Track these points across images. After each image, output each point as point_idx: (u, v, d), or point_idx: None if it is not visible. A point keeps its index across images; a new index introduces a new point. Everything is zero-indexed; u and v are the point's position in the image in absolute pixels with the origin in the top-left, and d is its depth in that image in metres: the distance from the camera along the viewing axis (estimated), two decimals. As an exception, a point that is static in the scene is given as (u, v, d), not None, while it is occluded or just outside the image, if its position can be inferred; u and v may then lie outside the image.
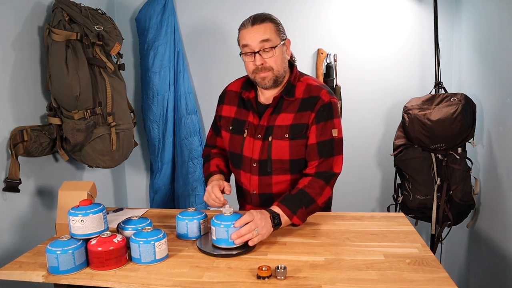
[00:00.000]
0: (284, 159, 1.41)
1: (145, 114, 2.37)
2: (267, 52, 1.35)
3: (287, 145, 1.40)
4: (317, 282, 1.03)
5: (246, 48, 1.37)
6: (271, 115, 1.42)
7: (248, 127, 1.46)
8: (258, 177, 1.45)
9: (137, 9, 2.39)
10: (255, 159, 1.44)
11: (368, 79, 2.34)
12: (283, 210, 1.29)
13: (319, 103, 1.38)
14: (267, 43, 1.35)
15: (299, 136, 1.39)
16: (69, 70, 1.66)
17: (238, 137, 1.48)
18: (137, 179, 2.62)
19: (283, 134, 1.40)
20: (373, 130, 2.38)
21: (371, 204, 2.49)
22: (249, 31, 1.36)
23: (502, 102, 1.81)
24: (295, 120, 1.40)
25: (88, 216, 1.17)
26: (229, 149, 1.53)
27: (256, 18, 1.37)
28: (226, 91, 1.59)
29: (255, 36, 1.34)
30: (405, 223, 1.41)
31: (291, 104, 1.41)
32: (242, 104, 1.50)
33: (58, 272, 1.10)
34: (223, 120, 1.55)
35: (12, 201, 1.60)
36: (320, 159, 1.38)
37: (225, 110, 1.55)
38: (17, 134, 1.59)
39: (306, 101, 1.40)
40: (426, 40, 2.27)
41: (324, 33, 2.32)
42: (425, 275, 1.05)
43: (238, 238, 1.17)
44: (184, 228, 1.30)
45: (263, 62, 1.36)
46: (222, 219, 1.20)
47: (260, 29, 1.35)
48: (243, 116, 1.48)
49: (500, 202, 1.85)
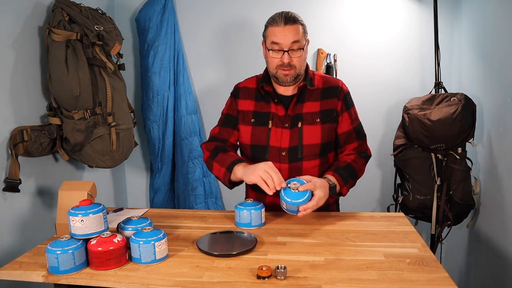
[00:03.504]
0: (315, 143, 1.49)
1: (145, 114, 2.37)
2: (295, 52, 1.43)
3: (319, 129, 1.49)
4: (317, 282, 1.03)
5: (275, 46, 1.43)
6: (296, 104, 1.50)
7: (273, 118, 1.50)
8: (289, 165, 1.49)
9: (137, 9, 2.39)
10: (284, 147, 1.49)
11: (368, 79, 2.34)
12: (337, 180, 1.42)
13: (342, 91, 1.53)
14: (296, 44, 1.42)
15: (330, 120, 1.51)
16: (69, 70, 1.66)
17: (263, 128, 1.52)
18: (137, 179, 2.62)
19: (314, 119, 1.49)
20: (373, 130, 2.38)
21: (371, 204, 2.49)
22: (281, 30, 1.41)
23: (502, 102, 1.81)
24: (322, 106, 1.50)
25: (88, 216, 1.17)
26: (251, 143, 1.54)
27: (288, 18, 1.42)
28: (238, 87, 1.61)
29: (287, 36, 1.41)
30: (405, 223, 1.41)
31: (314, 93, 1.52)
32: (261, 98, 1.55)
33: (58, 272, 1.10)
34: (241, 114, 1.57)
35: (12, 201, 1.60)
36: (359, 141, 1.55)
37: (242, 104, 1.57)
38: (17, 134, 1.59)
39: (327, 90, 1.52)
40: (426, 40, 2.27)
41: (324, 33, 2.32)
42: (425, 275, 1.05)
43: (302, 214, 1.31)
44: (248, 217, 1.38)
45: (290, 61, 1.43)
46: (292, 196, 1.30)
47: (292, 30, 1.41)
48: (264, 109, 1.53)
49: (500, 202, 1.85)
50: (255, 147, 1.54)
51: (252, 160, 1.55)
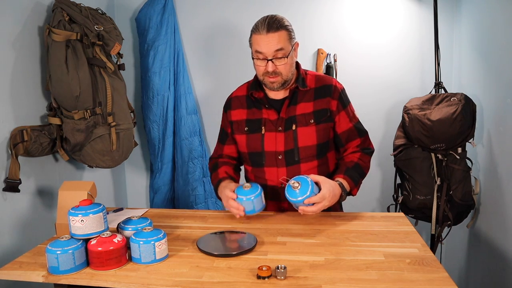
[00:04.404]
0: (311, 144, 1.47)
1: (145, 114, 2.37)
2: (279, 60, 1.39)
3: (314, 130, 1.47)
4: (317, 282, 1.03)
5: (259, 54, 1.40)
6: (289, 107, 1.48)
7: (265, 124, 1.49)
8: (286, 168, 1.49)
9: (137, 9, 2.39)
10: (280, 151, 1.48)
11: (368, 79, 2.34)
12: (349, 183, 1.43)
13: (336, 90, 1.49)
14: (280, 52, 1.38)
15: (324, 120, 1.48)
16: (69, 70, 1.66)
17: (256, 135, 1.51)
18: (137, 179, 2.62)
19: (308, 121, 1.47)
20: (373, 130, 2.36)
21: (371, 204, 2.49)
22: (263, 39, 1.37)
23: (502, 102, 1.81)
24: (316, 106, 1.48)
25: (88, 216, 1.17)
26: (248, 150, 1.54)
27: (270, 25, 1.36)
28: (231, 98, 1.61)
29: (269, 45, 1.36)
30: (405, 223, 1.41)
31: (306, 94, 1.49)
32: (252, 104, 1.53)
33: (58, 272, 1.10)
34: (235, 125, 1.56)
35: (12, 201, 1.60)
36: (361, 138, 1.53)
37: (235, 114, 1.57)
38: (17, 134, 1.59)
39: (320, 89, 1.49)
40: (426, 40, 2.27)
41: (324, 33, 2.32)
42: (425, 275, 1.05)
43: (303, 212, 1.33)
44: (251, 205, 1.37)
45: (274, 69, 1.39)
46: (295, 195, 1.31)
47: (274, 37, 1.36)
48: (256, 115, 1.52)
49: (500, 202, 1.85)
50: (252, 154, 1.54)
51: (253, 167, 1.56)
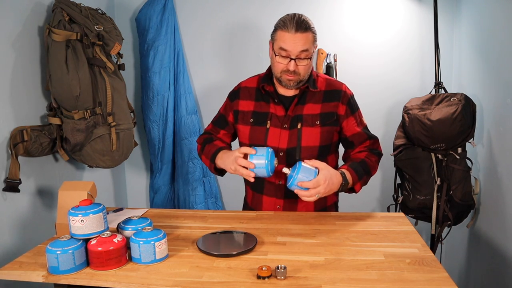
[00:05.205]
0: (314, 145, 1.47)
1: (145, 114, 2.37)
2: (302, 60, 1.39)
3: (318, 132, 1.47)
4: (317, 282, 1.03)
5: (283, 52, 1.39)
6: (297, 105, 1.48)
7: (271, 118, 1.49)
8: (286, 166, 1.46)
9: (137, 9, 2.39)
10: (283, 148, 1.48)
11: (368, 79, 2.34)
12: (352, 175, 1.41)
13: (345, 95, 1.50)
14: (304, 53, 1.38)
15: (329, 123, 1.48)
16: (69, 70, 1.66)
17: (261, 128, 1.51)
18: (137, 179, 2.62)
19: (313, 122, 1.47)
20: (373, 130, 2.35)
21: (371, 204, 2.49)
22: (290, 37, 1.36)
23: (502, 102, 1.81)
24: (323, 109, 1.48)
25: (88, 216, 1.16)
26: (250, 142, 1.53)
27: (299, 24, 1.36)
28: (240, 87, 1.61)
29: (296, 44, 1.36)
30: (405, 223, 1.41)
31: (316, 95, 1.49)
32: (261, 97, 1.53)
33: (58, 272, 1.10)
34: (241, 115, 1.56)
35: (12, 201, 1.60)
36: (371, 140, 1.53)
37: (242, 105, 1.56)
38: (17, 134, 1.59)
39: (329, 93, 1.50)
40: (426, 40, 2.27)
41: (324, 33, 2.31)
42: (425, 275, 1.05)
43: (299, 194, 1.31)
44: (263, 164, 1.34)
45: (295, 69, 1.40)
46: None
47: (302, 38, 1.36)
48: (263, 109, 1.52)
49: (500, 202, 1.85)
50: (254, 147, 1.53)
51: None
